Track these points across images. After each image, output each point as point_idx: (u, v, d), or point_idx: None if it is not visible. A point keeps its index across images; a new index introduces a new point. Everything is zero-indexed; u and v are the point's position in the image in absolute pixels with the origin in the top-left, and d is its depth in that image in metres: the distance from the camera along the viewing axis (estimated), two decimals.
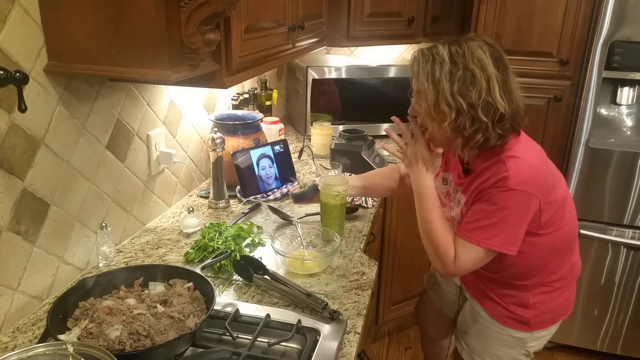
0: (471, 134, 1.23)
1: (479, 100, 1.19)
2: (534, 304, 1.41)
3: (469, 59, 1.20)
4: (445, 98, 1.21)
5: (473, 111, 1.20)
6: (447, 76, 1.21)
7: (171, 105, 1.77)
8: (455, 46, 1.23)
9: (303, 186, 1.67)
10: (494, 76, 1.20)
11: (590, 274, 2.47)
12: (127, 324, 1.05)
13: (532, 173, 1.25)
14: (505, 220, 1.24)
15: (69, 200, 1.32)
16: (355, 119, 2.63)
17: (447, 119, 1.22)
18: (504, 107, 1.21)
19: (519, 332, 1.45)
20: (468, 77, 1.19)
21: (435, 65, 1.23)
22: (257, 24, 1.46)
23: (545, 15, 2.27)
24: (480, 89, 1.19)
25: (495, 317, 1.47)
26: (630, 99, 2.30)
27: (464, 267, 1.30)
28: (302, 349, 1.10)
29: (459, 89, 1.20)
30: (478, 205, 1.28)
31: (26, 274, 1.20)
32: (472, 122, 1.21)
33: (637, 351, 2.54)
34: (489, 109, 1.20)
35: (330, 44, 2.61)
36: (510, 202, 1.23)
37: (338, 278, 1.41)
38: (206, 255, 1.44)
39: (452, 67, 1.21)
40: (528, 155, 1.29)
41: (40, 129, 1.19)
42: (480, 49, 1.22)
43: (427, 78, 1.24)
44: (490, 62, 1.21)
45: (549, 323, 1.47)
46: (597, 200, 2.36)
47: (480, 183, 1.29)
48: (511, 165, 1.24)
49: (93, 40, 1.12)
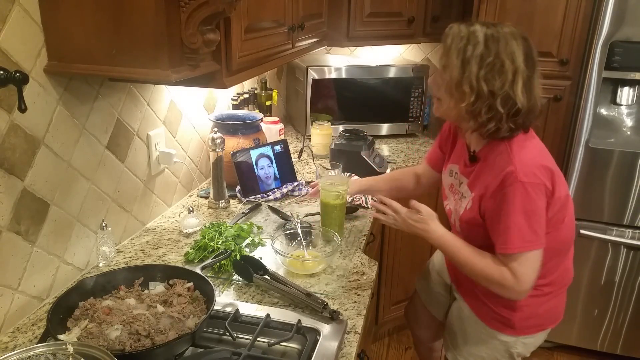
0: (485, 121, 1.24)
1: (500, 91, 1.21)
2: (521, 306, 1.40)
3: (502, 47, 1.21)
4: (470, 80, 1.22)
5: (492, 99, 1.21)
6: (477, 59, 1.21)
7: (171, 105, 1.77)
8: (492, 30, 1.23)
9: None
10: (521, 71, 1.22)
11: (590, 274, 2.47)
12: (127, 324, 1.05)
13: (538, 164, 1.25)
14: (529, 216, 1.23)
15: (69, 200, 1.32)
16: (355, 119, 2.63)
17: (465, 99, 1.23)
18: (522, 103, 1.22)
19: (505, 335, 1.44)
20: (497, 66, 1.20)
21: (468, 44, 1.23)
22: (257, 24, 1.46)
23: (545, 15, 2.27)
24: (505, 80, 1.21)
25: (482, 318, 1.46)
26: (630, 99, 2.30)
27: (528, 278, 1.26)
28: (302, 349, 1.10)
29: (485, 74, 1.21)
30: (497, 212, 1.26)
31: (26, 274, 1.20)
32: (489, 110, 1.22)
33: (637, 351, 2.54)
34: (508, 101, 1.21)
35: (330, 44, 2.61)
36: (524, 196, 1.22)
37: (338, 278, 1.41)
38: (206, 255, 1.44)
39: (484, 51, 1.21)
40: (533, 150, 1.30)
41: (40, 129, 1.19)
42: (515, 41, 1.22)
43: (458, 55, 1.24)
44: (520, 56, 1.22)
45: (536, 329, 1.46)
46: (597, 200, 2.36)
47: (488, 178, 1.29)
48: (516, 157, 1.24)
49: (93, 40, 1.12)
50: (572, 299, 2.55)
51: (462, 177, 1.42)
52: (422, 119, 2.74)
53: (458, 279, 1.57)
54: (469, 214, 1.36)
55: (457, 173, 1.45)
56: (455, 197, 1.45)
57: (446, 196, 1.50)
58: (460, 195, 1.41)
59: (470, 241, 1.37)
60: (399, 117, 2.71)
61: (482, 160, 1.33)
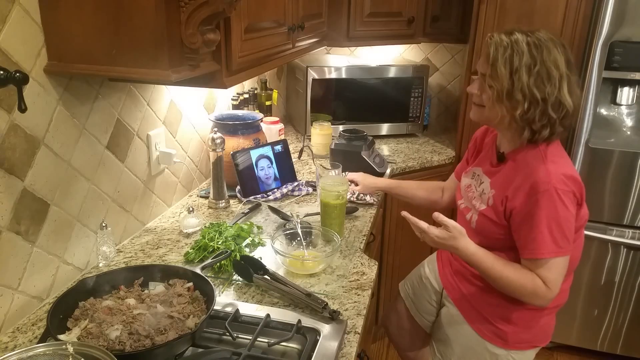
0: (540, 127, 1.27)
1: (551, 96, 1.24)
2: (516, 319, 1.40)
3: (546, 56, 1.25)
4: (522, 88, 1.25)
5: (544, 105, 1.25)
6: (525, 68, 1.24)
7: (171, 105, 1.77)
8: (533, 38, 1.26)
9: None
10: (565, 76, 1.26)
11: (590, 274, 2.47)
12: (127, 324, 1.05)
13: (570, 175, 1.27)
14: (562, 222, 1.23)
15: (69, 200, 1.32)
16: (355, 119, 2.63)
17: (519, 107, 1.26)
18: (570, 106, 1.26)
19: (495, 347, 1.43)
20: (544, 73, 1.24)
21: (514, 54, 1.26)
22: (257, 24, 1.46)
23: (545, 15, 2.27)
24: (553, 85, 1.24)
25: (475, 327, 1.45)
26: (630, 99, 2.30)
27: (557, 283, 1.27)
28: (302, 349, 1.10)
29: (534, 81, 1.24)
30: (528, 218, 1.26)
31: (26, 274, 1.20)
32: (542, 116, 1.26)
33: (637, 351, 2.54)
34: (559, 105, 1.26)
35: (330, 44, 2.61)
36: (559, 202, 1.23)
37: (338, 278, 1.41)
38: (206, 255, 1.44)
39: (530, 60, 1.25)
40: (567, 162, 1.33)
41: (40, 129, 1.19)
42: (555, 48, 1.27)
43: (506, 65, 1.26)
44: (563, 62, 1.26)
45: (526, 346, 1.45)
46: (597, 200, 2.36)
47: (517, 179, 1.29)
48: (550, 164, 1.26)
49: (93, 40, 1.12)
50: (572, 299, 2.55)
51: (484, 176, 1.43)
52: (422, 119, 2.74)
53: (451, 285, 1.56)
54: (488, 212, 1.36)
55: (480, 174, 1.46)
56: (471, 195, 1.45)
57: (461, 196, 1.52)
58: (480, 193, 1.41)
59: (482, 238, 1.37)
60: (399, 117, 2.71)
61: (511, 161, 1.35)
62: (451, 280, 1.56)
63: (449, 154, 2.54)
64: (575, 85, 1.29)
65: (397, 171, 2.32)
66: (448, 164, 2.50)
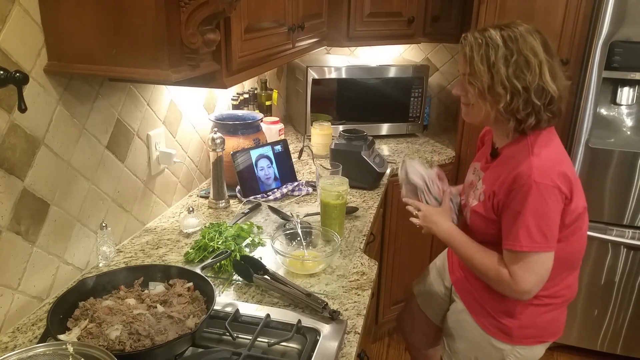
0: (524, 116, 1.27)
1: (532, 84, 1.24)
2: (520, 314, 1.39)
3: (522, 44, 1.25)
4: (501, 81, 1.25)
5: (527, 94, 1.24)
6: (502, 60, 1.24)
7: (171, 105, 1.77)
8: (507, 31, 1.26)
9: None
10: (545, 62, 1.25)
11: (590, 274, 2.47)
12: (127, 324, 1.05)
13: (556, 169, 1.25)
14: (539, 217, 1.22)
15: (69, 200, 1.32)
16: (355, 119, 2.63)
17: (502, 101, 1.26)
18: (554, 91, 1.26)
19: (500, 342, 1.43)
20: (522, 62, 1.24)
21: (490, 49, 1.26)
22: (257, 24, 1.46)
23: (545, 15, 2.27)
24: (534, 73, 1.24)
25: (479, 322, 1.46)
26: (630, 99, 2.30)
27: (526, 279, 1.26)
28: (302, 349, 1.10)
29: (514, 72, 1.24)
30: (509, 210, 1.26)
31: (26, 274, 1.20)
32: (526, 105, 1.25)
33: (637, 351, 2.54)
34: (542, 92, 1.25)
35: (330, 44, 2.61)
36: (537, 197, 1.22)
37: (338, 278, 1.41)
38: (206, 255, 1.44)
39: (507, 52, 1.25)
40: (555, 153, 1.31)
41: (40, 129, 1.19)
42: (530, 36, 1.26)
43: (483, 62, 1.26)
44: (541, 48, 1.26)
45: (533, 340, 1.44)
46: (597, 200, 2.36)
47: (503, 172, 1.30)
48: (535, 157, 1.25)
49: (93, 40, 1.12)
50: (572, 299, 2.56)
51: (481, 172, 1.44)
52: (422, 119, 2.73)
53: (458, 280, 1.57)
54: (478, 207, 1.37)
55: (478, 170, 1.47)
56: (470, 191, 1.46)
57: (463, 192, 1.54)
58: (474, 188, 1.42)
59: (475, 233, 1.39)
60: (399, 117, 2.71)
61: (502, 156, 1.36)
62: (458, 275, 1.57)
63: (449, 154, 2.54)
64: (558, 69, 1.29)
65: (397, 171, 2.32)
66: (448, 164, 2.50)
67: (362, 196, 1.98)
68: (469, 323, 1.48)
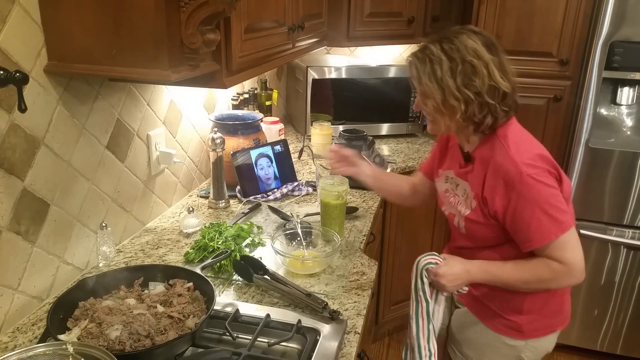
0: (481, 118, 1.27)
1: (483, 87, 1.23)
2: (527, 308, 1.39)
3: (463, 51, 1.23)
4: (452, 93, 1.24)
5: (480, 98, 1.24)
6: (448, 73, 1.23)
7: (171, 105, 1.77)
8: (447, 43, 1.25)
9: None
10: (491, 61, 1.24)
11: (590, 274, 2.47)
12: (127, 324, 1.05)
13: (535, 155, 1.27)
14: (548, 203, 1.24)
15: (69, 200, 1.32)
16: (355, 119, 2.63)
17: (457, 111, 1.26)
18: (506, 87, 1.25)
19: (513, 339, 1.42)
20: (468, 69, 1.23)
21: (434, 65, 1.25)
22: (257, 24, 1.46)
23: (545, 15, 2.27)
24: (482, 76, 1.23)
25: (488, 323, 1.45)
26: (630, 99, 2.30)
27: (574, 258, 1.26)
28: (302, 349, 1.10)
29: (462, 81, 1.23)
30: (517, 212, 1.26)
31: (26, 274, 1.20)
32: (481, 108, 1.25)
33: (637, 351, 2.54)
34: (494, 91, 1.24)
35: (330, 44, 2.61)
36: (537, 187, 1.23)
37: (338, 278, 1.41)
38: (206, 255, 1.44)
39: (451, 64, 1.23)
40: (525, 141, 1.32)
41: (40, 129, 1.19)
42: (470, 40, 1.25)
43: (430, 79, 1.26)
44: (484, 50, 1.25)
45: (544, 331, 1.44)
46: (597, 200, 2.36)
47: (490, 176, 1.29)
48: (515, 153, 1.26)
49: (93, 40, 1.12)
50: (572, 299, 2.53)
51: (458, 179, 1.42)
52: (422, 119, 2.73)
53: None
54: (473, 215, 1.36)
55: (453, 177, 1.46)
56: (453, 200, 1.44)
57: (442, 202, 1.50)
58: (464, 196, 1.40)
59: (475, 239, 1.38)
60: (399, 117, 2.71)
61: (479, 159, 1.34)
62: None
63: None
64: (506, 64, 1.28)
65: (397, 171, 2.32)
66: None
67: (362, 196, 1.98)
68: (478, 327, 1.47)
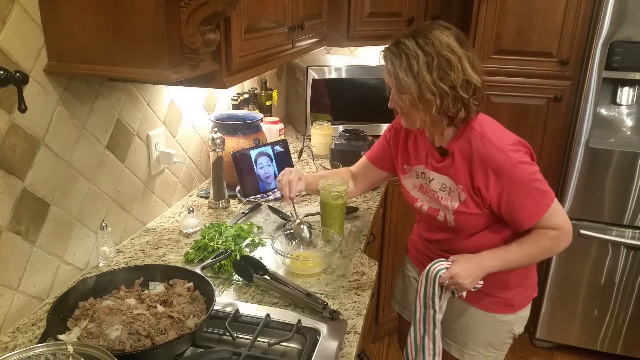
0: (455, 112, 1.29)
1: (458, 81, 1.26)
2: (514, 282, 1.45)
3: (438, 46, 1.25)
4: (429, 87, 1.26)
5: (454, 92, 1.26)
6: (425, 67, 1.25)
7: (171, 105, 1.77)
8: (422, 38, 1.27)
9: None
10: (464, 56, 1.27)
11: (590, 274, 2.47)
12: (127, 324, 1.05)
13: (514, 140, 1.33)
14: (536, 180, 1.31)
15: (69, 200, 1.32)
16: (355, 119, 2.63)
17: (433, 106, 1.28)
18: (477, 81, 1.28)
19: (505, 315, 1.47)
20: (444, 63, 1.25)
21: (410, 59, 1.27)
22: (257, 24, 1.46)
23: (545, 15, 2.27)
24: (457, 70, 1.25)
25: (480, 305, 1.47)
26: (630, 99, 2.30)
27: (565, 221, 1.35)
28: (302, 349, 1.10)
29: (438, 75, 1.25)
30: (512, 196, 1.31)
31: (26, 274, 1.20)
32: (455, 102, 1.28)
33: (637, 351, 2.54)
34: (467, 85, 1.27)
35: (330, 44, 2.61)
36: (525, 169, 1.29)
37: (338, 278, 1.41)
38: (206, 255, 1.44)
39: (427, 58, 1.26)
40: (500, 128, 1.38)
41: (40, 129, 1.19)
42: (444, 35, 1.27)
43: (407, 74, 1.27)
44: (456, 44, 1.27)
45: (527, 301, 1.52)
46: (597, 200, 2.36)
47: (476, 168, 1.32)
48: (496, 141, 1.30)
49: (93, 40, 1.12)
50: (572, 299, 2.56)
51: (433, 173, 1.42)
52: None
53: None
54: (463, 207, 1.36)
55: (425, 172, 1.46)
56: (437, 196, 1.43)
57: (415, 198, 1.50)
58: (445, 191, 1.40)
59: (465, 230, 1.40)
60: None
61: (458, 152, 1.36)
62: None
63: None
64: (475, 59, 1.31)
65: None
66: None
67: (362, 196, 1.97)
68: (470, 311, 1.49)
